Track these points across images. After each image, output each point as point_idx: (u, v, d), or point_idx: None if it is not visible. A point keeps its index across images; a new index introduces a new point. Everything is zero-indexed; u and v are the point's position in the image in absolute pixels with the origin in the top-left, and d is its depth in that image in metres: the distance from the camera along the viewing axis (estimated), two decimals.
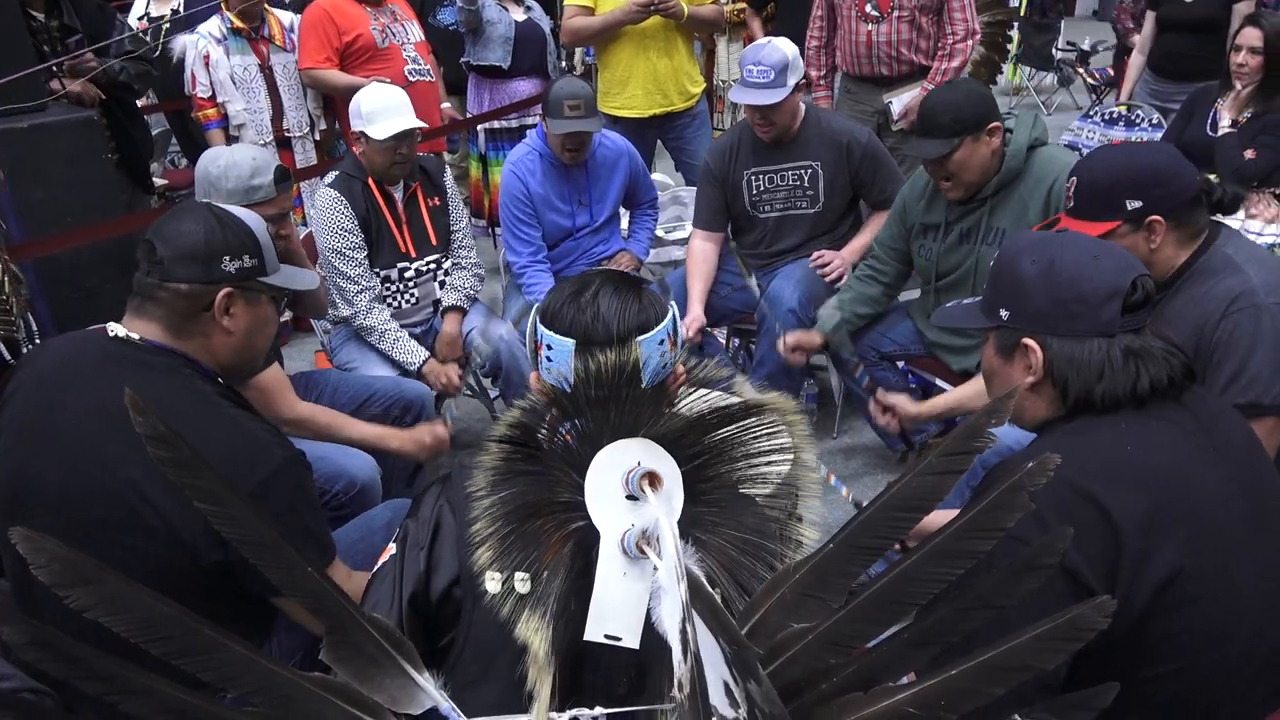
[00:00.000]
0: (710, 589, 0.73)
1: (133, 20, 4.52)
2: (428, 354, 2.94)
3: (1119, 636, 1.23)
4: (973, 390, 2.42)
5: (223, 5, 3.88)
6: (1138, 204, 1.78)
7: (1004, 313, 1.38)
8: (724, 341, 3.73)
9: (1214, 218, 1.91)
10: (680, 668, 0.61)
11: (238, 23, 3.84)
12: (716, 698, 0.65)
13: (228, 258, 1.57)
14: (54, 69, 3.36)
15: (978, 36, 3.85)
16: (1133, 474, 1.24)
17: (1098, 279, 1.31)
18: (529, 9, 4.53)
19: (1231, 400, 1.73)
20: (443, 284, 3.10)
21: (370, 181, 2.89)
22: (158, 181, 4.88)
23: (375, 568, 1.19)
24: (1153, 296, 1.34)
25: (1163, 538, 1.21)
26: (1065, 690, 0.83)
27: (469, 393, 3.48)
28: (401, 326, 2.96)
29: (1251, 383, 1.74)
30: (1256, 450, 1.39)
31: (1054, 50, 8.63)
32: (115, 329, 1.56)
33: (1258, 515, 1.30)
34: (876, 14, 3.75)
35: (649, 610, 0.74)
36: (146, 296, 1.56)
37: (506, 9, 4.38)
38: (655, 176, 4.05)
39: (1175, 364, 1.30)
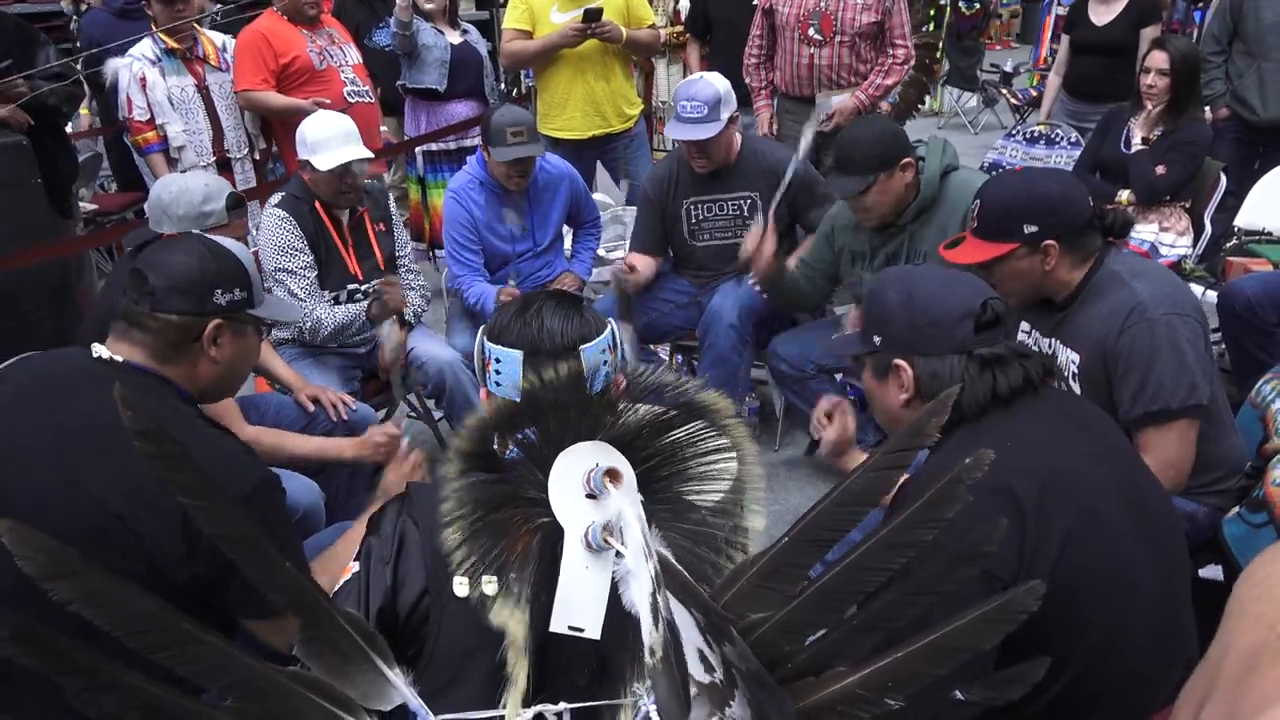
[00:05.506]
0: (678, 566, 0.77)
1: None
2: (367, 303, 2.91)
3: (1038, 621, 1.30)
4: None
5: (152, 26, 3.83)
6: (1033, 229, 1.91)
7: (876, 339, 1.54)
8: (667, 358, 3.77)
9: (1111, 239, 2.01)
10: (652, 635, 0.64)
11: (170, 43, 3.80)
12: (692, 665, 0.68)
13: (219, 290, 1.57)
14: None
15: (913, 61, 4.00)
16: (1018, 462, 1.34)
17: (950, 303, 1.47)
18: (465, 32, 4.53)
19: (1144, 409, 1.87)
20: None
21: (317, 204, 2.87)
22: (88, 207, 4.76)
23: (336, 586, 1.19)
24: (1004, 316, 1.48)
25: (1054, 508, 1.31)
26: None
27: (413, 415, 3.46)
28: (347, 342, 2.94)
29: (1157, 392, 1.86)
30: (1132, 451, 1.55)
31: (978, 73, 8.95)
32: (99, 350, 1.55)
33: (1140, 512, 1.40)
34: (820, 38, 3.84)
35: (615, 598, 0.77)
36: (134, 323, 1.55)
37: (442, 32, 4.38)
38: (596, 196, 4.08)
39: (1030, 366, 1.44)
